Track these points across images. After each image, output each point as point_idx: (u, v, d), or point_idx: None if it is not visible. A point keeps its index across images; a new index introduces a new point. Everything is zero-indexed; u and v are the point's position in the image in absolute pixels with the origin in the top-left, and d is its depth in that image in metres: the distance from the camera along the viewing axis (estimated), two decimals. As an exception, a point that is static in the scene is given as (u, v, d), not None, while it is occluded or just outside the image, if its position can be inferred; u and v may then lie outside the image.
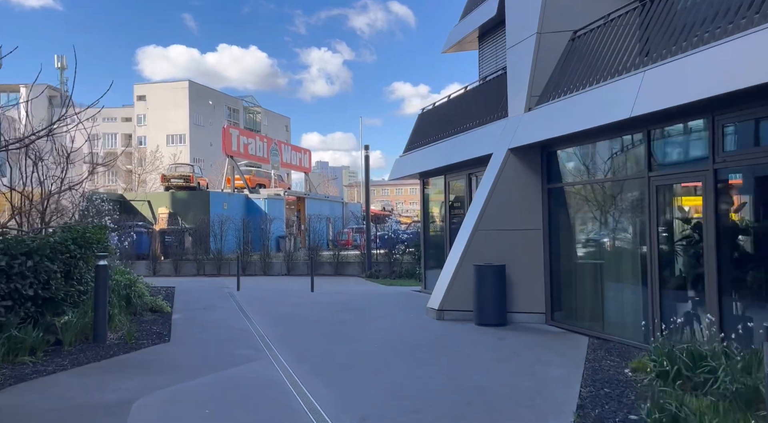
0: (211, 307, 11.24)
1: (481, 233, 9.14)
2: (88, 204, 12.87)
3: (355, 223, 28.05)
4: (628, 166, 7.52)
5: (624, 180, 7.53)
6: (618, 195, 7.74)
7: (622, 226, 7.65)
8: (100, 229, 9.78)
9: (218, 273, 19.91)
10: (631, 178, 7.34)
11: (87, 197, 13.76)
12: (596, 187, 8.17)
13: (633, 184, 7.35)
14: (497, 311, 8.63)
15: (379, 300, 12.35)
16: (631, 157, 7.42)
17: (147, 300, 10.20)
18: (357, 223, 29.51)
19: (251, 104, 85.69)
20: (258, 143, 31.13)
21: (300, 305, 11.54)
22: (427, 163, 12.57)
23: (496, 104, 10.29)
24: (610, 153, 7.83)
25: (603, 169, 8.00)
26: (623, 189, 7.61)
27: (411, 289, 14.35)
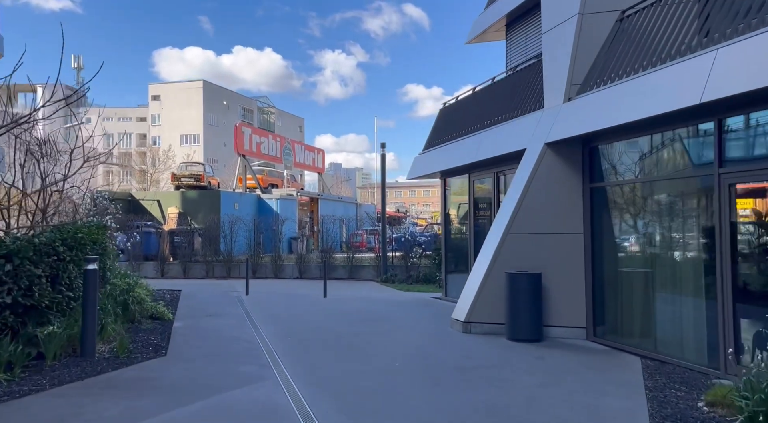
0: (216, 314, 10.44)
1: (514, 237, 8.21)
2: (90, 202, 12.17)
3: (369, 224, 27.19)
4: (690, 161, 6.55)
5: (685, 178, 6.56)
6: (676, 195, 6.77)
7: (681, 230, 6.67)
8: (97, 228, 9.04)
9: (228, 275, 19.16)
10: (695, 175, 6.37)
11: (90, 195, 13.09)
12: (648, 186, 7.20)
13: (696, 182, 6.38)
14: (532, 325, 7.69)
15: (397, 308, 11.45)
16: (694, 151, 6.44)
17: (147, 306, 9.42)
18: (372, 224, 28.67)
19: (265, 105, 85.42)
20: (271, 142, 30.43)
21: (312, 313, 10.69)
22: (449, 160, 11.66)
23: (530, 95, 9.36)
24: (666, 147, 6.86)
25: (657, 166, 7.03)
26: (684, 188, 6.64)
27: (430, 296, 13.43)
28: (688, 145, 6.53)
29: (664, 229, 6.89)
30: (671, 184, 6.81)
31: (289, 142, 33.08)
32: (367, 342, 7.86)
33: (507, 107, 10.08)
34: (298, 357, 6.92)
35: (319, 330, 8.80)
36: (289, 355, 6.96)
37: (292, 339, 8.12)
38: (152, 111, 72.85)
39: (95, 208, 13.55)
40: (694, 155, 6.44)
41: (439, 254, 12.64)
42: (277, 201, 25.87)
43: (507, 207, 8.48)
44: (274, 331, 8.62)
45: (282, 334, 8.48)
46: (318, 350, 7.40)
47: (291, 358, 6.84)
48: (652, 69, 6.48)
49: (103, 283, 9.63)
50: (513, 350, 7.17)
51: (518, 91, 9.91)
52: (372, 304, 12.17)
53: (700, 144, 6.27)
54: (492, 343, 7.63)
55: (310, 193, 31.13)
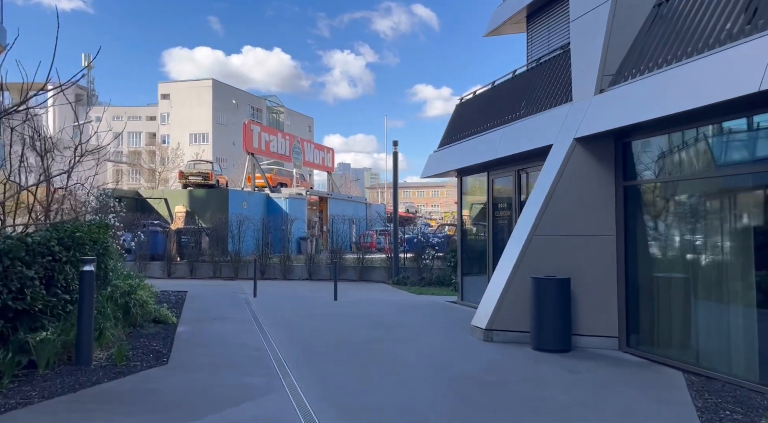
0: (222, 318, 9.97)
1: (540, 240, 7.65)
2: (95, 200, 11.75)
3: (380, 224, 26.67)
4: (741, 157, 5.96)
5: (736, 175, 5.97)
6: (722, 194, 6.18)
7: (727, 232, 6.08)
8: (98, 227, 8.60)
9: (235, 276, 18.73)
10: (748, 172, 5.78)
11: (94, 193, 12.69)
12: (689, 185, 6.62)
13: (746, 179, 5.79)
14: (560, 334, 7.13)
15: (411, 312, 10.92)
16: (746, 145, 5.86)
17: (150, 309, 8.96)
18: (382, 224, 28.13)
19: (274, 104, 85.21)
20: (280, 140, 30.01)
21: (322, 317, 10.19)
22: (466, 158, 11.11)
23: (555, 88, 8.80)
24: (713, 141, 6.28)
25: (701, 162, 6.44)
26: (732, 187, 6.05)
27: (445, 300, 12.89)
28: (739, 139, 5.94)
29: (709, 231, 6.30)
30: (716, 182, 6.23)
31: (298, 140, 32.65)
32: (382, 350, 7.34)
33: (530, 101, 9.52)
34: (309, 367, 6.42)
35: (331, 336, 8.29)
36: (299, 365, 6.46)
37: (301, 346, 7.62)
38: (161, 110, 72.84)
39: (98, 206, 13.16)
40: (746, 150, 5.86)
41: (454, 256, 12.10)
42: (286, 200, 25.43)
43: (532, 207, 7.93)
44: (282, 337, 8.13)
45: (291, 340, 7.98)
46: (330, 359, 6.89)
47: (301, 367, 6.34)
48: (698, 56, 5.90)
49: (105, 285, 9.20)
50: (542, 362, 6.61)
51: (542, 84, 9.34)
52: (385, 307, 11.65)
53: (755, 138, 5.69)
54: (517, 353, 7.08)
55: (319, 193, 30.68)
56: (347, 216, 21.54)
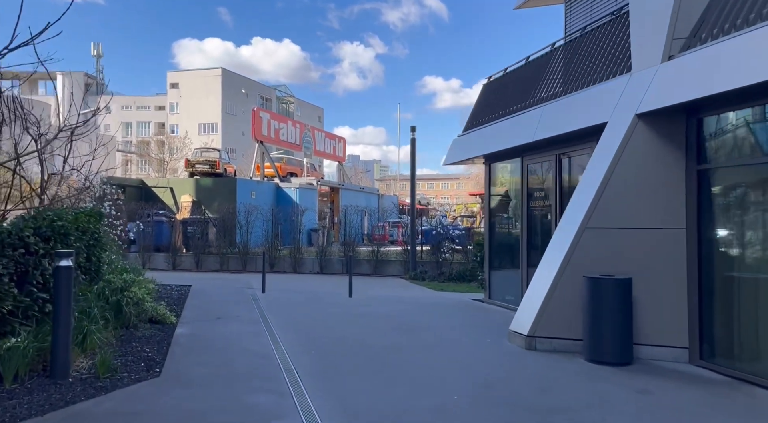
0: (227, 317, 9.01)
1: (593, 233, 6.57)
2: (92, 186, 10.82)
3: (396, 216, 25.61)
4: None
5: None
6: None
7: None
8: (87, 216, 7.64)
9: (243, 269, 17.82)
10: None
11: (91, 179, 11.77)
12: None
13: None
14: (620, 344, 6.07)
15: (435, 312, 9.89)
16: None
17: (147, 307, 8.02)
18: (395, 216, 27.09)
19: (284, 94, 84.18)
20: (290, 128, 28.96)
21: (337, 317, 9.20)
22: (496, 142, 10.01)
23: (608, 58, 7.66)
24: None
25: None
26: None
27: (469, 298, 11.84)
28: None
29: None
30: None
31: (308, 128, 31.61)
32: (410, 360, 6.32)
33: (574, 76, 8.39)
34: (325, 381, 5.42)
35: (348, 341, 7.28)
36: (314, 378, 5.47)
37: (315, 353, 6.62)
38: (170, 99, 72.05)
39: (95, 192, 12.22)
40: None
41: (480, 250, 11.05)
42: (296, 190, 24.45)
43: (583, 195, 6.84)
44: (293, 341, 7.14)
45: (303, 345, 6.98)
46: (349, 371, 5.88)
47: (316, 382, 5.35)
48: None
49: (96, 281, 8.25)
50: (602, 379, 5.55)
51: (589, 56, 8.20)
52: (405, 306, 10.63)
53: None
54: (569, 366, 6.03)
55: (330, 183, 29.66)
56: (360, 207, 20.51)
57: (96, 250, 8.19)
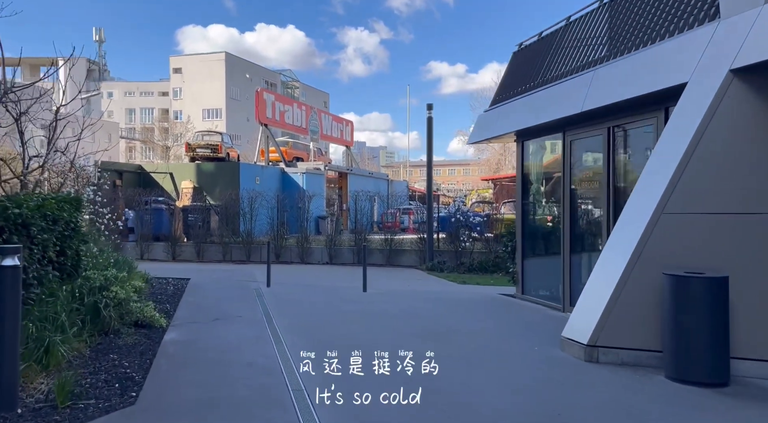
0: (226, 317, 7.86)
1: (672, 220, 5.31)
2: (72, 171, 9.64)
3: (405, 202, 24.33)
4: None
5: None
6: None
7: None
8: (59, 202, 6.50)
9: (247, 259, 16.68)
10: None
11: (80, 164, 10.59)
12: None
13: None
14: (714, 359, 4.84)
15: (463, 310, 8.69)
16: None
17: (132, 308, 6.87)
18: (406, 202, 25.83)
19: (289, 78, 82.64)
20: (296, 111, 27.63)
21: (352, 317, 8.02)
22: (531, 116, 8.71)
23: (683, 5, 6.31)
24: None
25: None
26: None
27: (497, 292, 10.63)
28: None
29: None
30: None
31: (315, 111, 30.25)
32: (447, 377, 5.12)
33: (633, 32, 7.04)
34: (348, 416, 4.24)
35: (369, 351, 6.10)
36: (333, 410, 4.29)
37: (332, 367, 5.43)
38: (174, 84, 70.68)
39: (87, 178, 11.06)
40: None
41: (511, 239, 9.81)
42: (303, 175, 23.22)
43: (657, 175, 5.56)
44: (305, 349, 5.96)
45: (317, 356, 5.81)
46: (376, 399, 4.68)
47: (336, 415, 4.17)
48: None
49: (74, 278, 7.10)
50: (701, 408, 4.33)
51: (653, 6, 6.84)
52: (428, 303, 9.44)
53: None
54: (649, 387, 4.81)
55: (338, 168, 28.39)
56: (372, 192, 19.28)
57: (72, 241, 7.03)
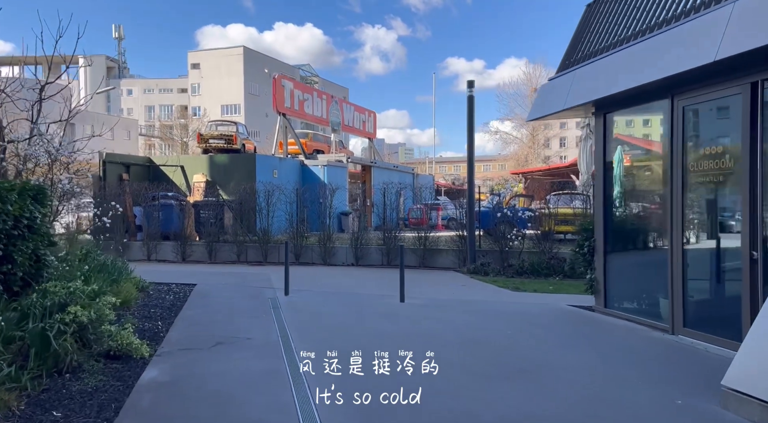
0: (231, 341, 6.06)
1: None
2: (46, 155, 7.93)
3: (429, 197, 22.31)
4: None
5: None
6: None
7: None
8: (7, 191, 4.80)
9: (264, 260, 14.94)
10: None
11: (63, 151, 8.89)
12: None
13: None
14: None
15: (539, 332, 6.72)
16: None
17: (103, 332, 5.11)
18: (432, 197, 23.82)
19: (308, 73, 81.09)
20: (316, 100, 25.81)
21: (394, 340, 6.14)
22: (622, 78, 6.69)
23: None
24: None
25: None
26: None
27: (565, 302, 8.65)
28: None
29: None
30: None
31: (336, 100, 28.42)
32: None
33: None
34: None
35: (429, 403, 4.19)
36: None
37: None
38: (192, 80, 69.76)
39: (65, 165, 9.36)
40: None
41: (588, 238, 7.80)
42: (324, 168, 21.41)
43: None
44: (337, 392, 4.10)
45: (355, 409, 3.94)
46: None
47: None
48: None
49: (26, 291, 5.41)
50: None
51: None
52: (486, 318, 7.51)
53: None
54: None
55: (362, 160, 26.48)
56: (401, 185, 17.37)
57: (25, 244, 5.31)
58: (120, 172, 17.92)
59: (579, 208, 12.93)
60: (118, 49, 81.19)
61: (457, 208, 14.74)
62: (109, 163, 17.51)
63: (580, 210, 12.87)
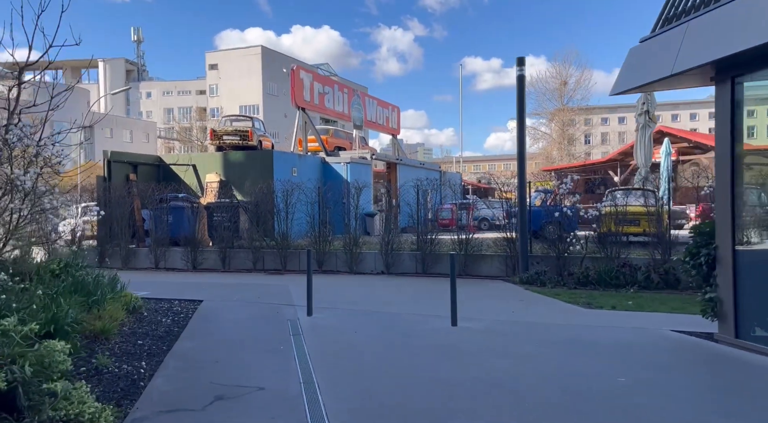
0: (236, 395, 4.34)
1: None
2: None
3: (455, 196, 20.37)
4: None
5: None
6: None
7: None
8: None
9: (283, 268, 13.27)
10: None
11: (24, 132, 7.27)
12: None
13: None
14: None
15: (662, 376, 4.82)
16: None
17: (44, 392, 3.41)
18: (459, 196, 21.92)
19: (327, 73, 79.67)
20: (336, 93, 24.10)
21: (459, 394, 4.33)
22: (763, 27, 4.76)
23: None
24: None
25: None
26: None
27: (667, 326, 6.73)
28: None
29: None
30: None
31: (358, 94, 26.69)
32: None
33: None
34: None
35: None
36: None
37: None
38: (210, 81, 68.84)
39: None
40: None
41: (705, 244, 5.88)
42: (347, 166, 19.69)
43: None
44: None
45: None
46: None
47: None
48: None
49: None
50: None
51: None
52: (574, 354, 5.65)
53: None
54: None
55: (387, 157, 24.71)
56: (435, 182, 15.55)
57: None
58: (127, 172, 16.45)
59: (652, 205, 10.94)
60: (137, 52, 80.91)
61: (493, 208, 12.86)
62: (115, 162, 16.03)
63: (653, 208, 10.89)
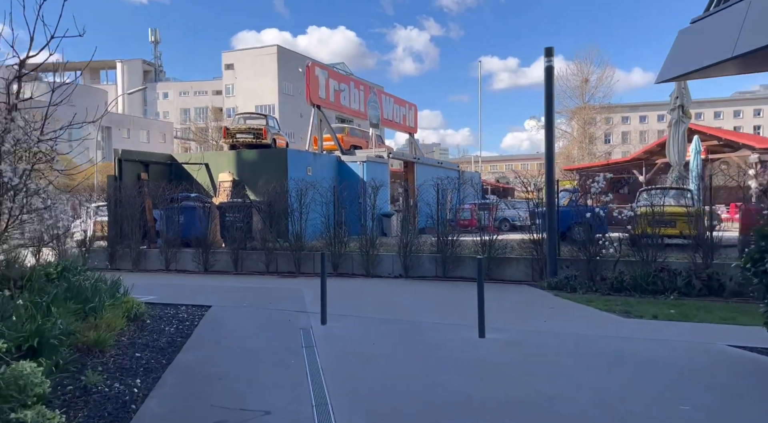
0: (240, 421, 3.76)
1: None
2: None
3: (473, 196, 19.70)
4: None
5: None
6: None
7: None
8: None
9: (297, 271, 12.76)
10: None
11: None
12: None
13: None
14: None
15: (729, 402, 4.16)
16: None
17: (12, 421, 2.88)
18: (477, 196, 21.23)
19: (342, 72, 79.35)
20: (353, 91, 23.55)
21: (491, 417, 3.73)
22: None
23: None
24: None
25: None
26: None
27: (722, 341, 6.02)
28: None
29: None
30: None
31: (374, 91, 26.12)
32: None
33: None
34: None
35: None
36: None
37: None
38: (226, 81, 68.92)
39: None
40: None
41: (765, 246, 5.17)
42: (363, 164, 19.13)
43: None
44: None
45: None
46: None
47: None
48: None
49: None
50: None
51: None
52: (619, 373, 4.99)
53: None
54: None
55: (404, 156, 24.10)
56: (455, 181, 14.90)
57: None
58: (138, 171, 16.09)
59: (691, 205, 10.17)
60: (154, 52, 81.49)
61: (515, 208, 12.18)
62: (126, 161, 15.68)
63: (693, 208, 10.12)
